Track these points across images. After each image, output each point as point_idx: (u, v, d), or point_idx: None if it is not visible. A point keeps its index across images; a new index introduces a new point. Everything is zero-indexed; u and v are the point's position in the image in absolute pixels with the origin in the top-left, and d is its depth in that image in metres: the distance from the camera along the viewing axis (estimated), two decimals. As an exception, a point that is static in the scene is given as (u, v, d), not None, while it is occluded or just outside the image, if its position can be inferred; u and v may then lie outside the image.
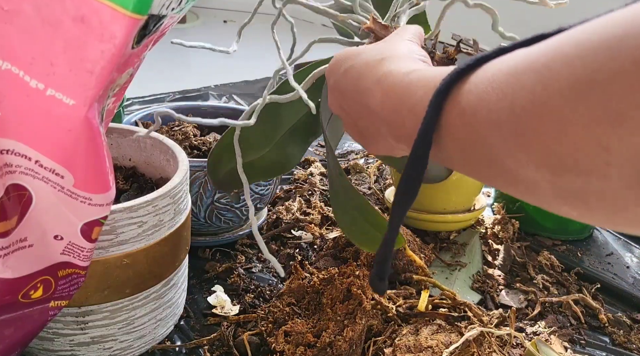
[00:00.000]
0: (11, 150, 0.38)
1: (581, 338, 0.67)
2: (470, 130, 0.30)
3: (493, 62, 0.29)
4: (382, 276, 0.36)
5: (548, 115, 0.25)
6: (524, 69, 0.26)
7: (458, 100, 0.30)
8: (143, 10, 0.39)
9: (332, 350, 0.55)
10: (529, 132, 0.26)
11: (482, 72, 0.29)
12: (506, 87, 0.27)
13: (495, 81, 0.28)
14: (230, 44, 0.64)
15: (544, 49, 0.26)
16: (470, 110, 0.29)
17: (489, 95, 0.28)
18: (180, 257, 0.58)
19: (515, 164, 0.28)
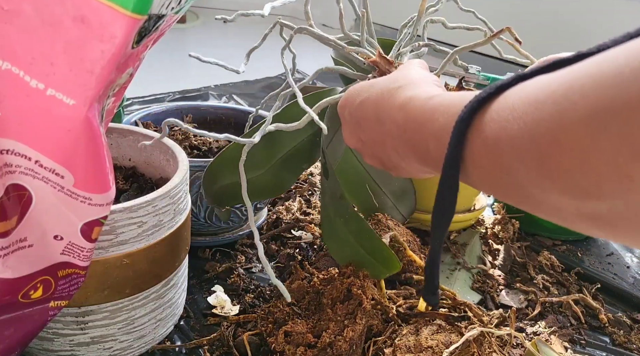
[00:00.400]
0: (11, 150, 0.38)
1: (581, 338, 0.67)
2: (494, 157, 0.30)
3: (513, 90, 0.30)
4: (433, 291, 0.38)
5: (569, 145, 0.25)
6: (544, 99, 0.27)
7: (481, 128, 0.31)
8: (143, 10, 0.39)
9: (332, 350, 0.55)
10: (552, 162, 0.27)
11: (502, 100, 0.30)
12: (526, 116, 0.28)
13: (516, 110, 0.29)
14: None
15: (563, 79, 0.27)
16: (492, 139, 0.30)
17: (510, 124, 0.29)
18: (180, 257, 0.58)
19: (539, 191, 0.28)
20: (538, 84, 0.29)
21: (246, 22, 2.80)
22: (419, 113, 0.38)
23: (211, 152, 0.79)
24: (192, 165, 0.68)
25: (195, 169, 0.69)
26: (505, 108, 0.30)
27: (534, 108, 0.28)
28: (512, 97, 0.30)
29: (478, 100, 0.31)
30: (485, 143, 0.31)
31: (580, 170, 0.25)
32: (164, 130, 0.55)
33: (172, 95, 1.41)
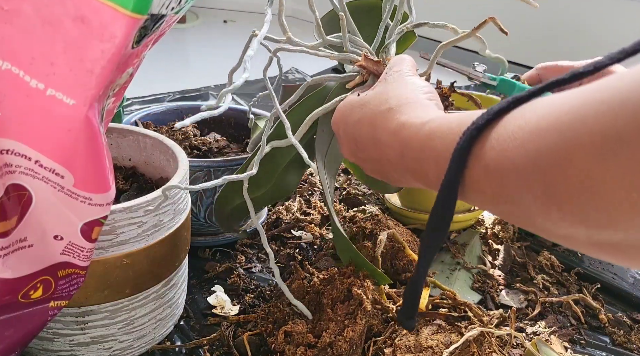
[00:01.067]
0: (11, 150, 0.38)
1: (581, 338, 0.67)
2: (496, 185, 0.30)
3: (512, 115, 0.29)
4: (410, 315, 0.37)
5: (577, 175, 0.25)
6: (546, 127, 0.26)
7: (480, 155, 0.30)
8: (143, 10, 0.39)
9: (333, 350, 0.55)
10: (559, 192, 0.26)
11: (502, 128, 0.29)
12: (529, 144, 0.27)
13: (517, 138, 0.28)
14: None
15: (564, 108, 0.26)
16: (494, 166, 0.29)
17: (512, 152, 0.28)
18: (180, 257, 0.58)
19: (547, 220, 0.28)
20: (538, 111, 0.28)
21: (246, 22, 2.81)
22: (415, 141, 0.37)
23: (211, 152, 0.79)
24: (192, 165, 0.68)
25: (195, 169, 0.69)
26: (505, 136, 0.29)
27: (535, 137, 0.27)
28: (511, 123, 0.29)
29: (477, 127, 0.30)
30: (487, 171, 0.30)
31: (590, 201, 0.25)
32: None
33: (172, 95, 1.41)
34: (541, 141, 0.26)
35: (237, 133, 0.87)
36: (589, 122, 0.24)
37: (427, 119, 0.36)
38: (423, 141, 0.36)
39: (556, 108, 0.26)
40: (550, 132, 0.26)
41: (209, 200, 0.71)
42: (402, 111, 0.39)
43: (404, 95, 0.41)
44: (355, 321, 0.56)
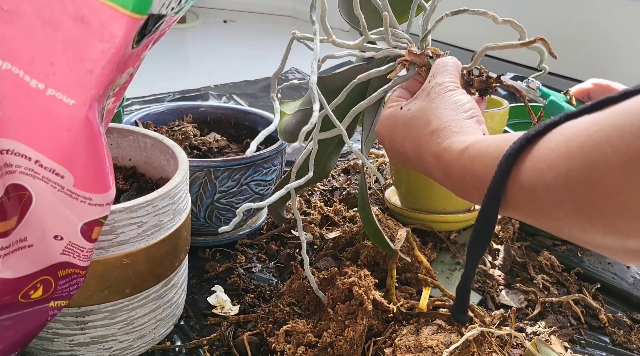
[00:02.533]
0: (11, 150, 0.38)
1: (581, 338, 0.67)
2: (532, 203, 0.33)
3: (545, 139, 0.32)
4: (462, 310, 0.41)
5: (606, 191, 0.27)
6: (575, 150, 0.29)
7: (517, 177, 0.34)
8: (143, 10, 0.39)
9: (333, 350, 0.55)
10: (590, 207, 0.29)
11: (535, 151, 0.33)
12: (559, 166, 0.30)
13: (548, 160, 0.31)
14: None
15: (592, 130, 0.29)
16: (529, 186, 0.33)
17: (545, 173, 0.31)
18: (180, 257, 0.58)
19: (582, 232, 0.31)
20: (566, 134, 0.31)
21: (246, 22, 2.80)
22: (457, 165, 0.40)
23: (211, 151, 0.79)
24: (192, 165, 0.68)
25: (195, 169, 0.69)
26: (538, 158, 0.32)
27: (565, 158, 0.30)
28: (543, 147, 0.32)
29: (512, 153, 0.34)
30: (523, 191, 0.33)
31: (619, 214, 0.27)
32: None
33: (172, 95, 1.41)
34: (570, 162, 0.29)
35: (237, 133, 0.87)
36: (615, 144, 0.27)
37: (468, 144, 0.40)
38: (464, 166, 0.39)
39: (583, 132, 0.29)
40: (578, 154, 0.29)
41: (209, 200, 0.72)
42: (444, 135, 0.43)
43: (446, 117, 0.44)
44: (356, 322, 0.56)
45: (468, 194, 0.40)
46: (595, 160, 0.28)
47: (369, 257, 0.70)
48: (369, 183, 0.99)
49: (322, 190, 0.95)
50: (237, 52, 1.98)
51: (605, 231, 0.29)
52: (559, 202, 0.30)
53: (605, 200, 0.27)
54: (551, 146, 0.31)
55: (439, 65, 0.50)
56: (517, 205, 0.34)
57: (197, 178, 0.69)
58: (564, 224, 0.31)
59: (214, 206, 0.72)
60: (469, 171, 0.39)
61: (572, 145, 0.30)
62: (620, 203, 0.27)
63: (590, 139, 0.28)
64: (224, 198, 0.72)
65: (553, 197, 0.31)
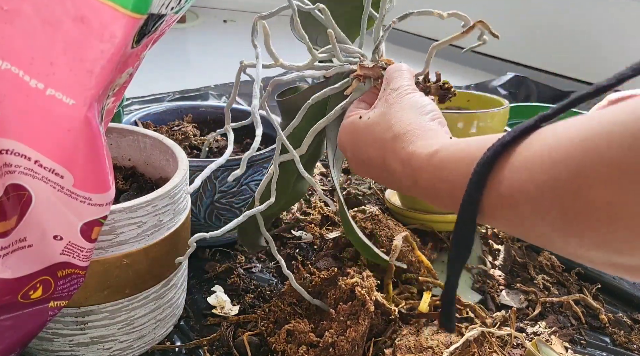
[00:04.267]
0: (11, 150, 0.38)
1: (582, 339, 0.67)
2: (512, 214, 0.30)
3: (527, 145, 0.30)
4: (450, 318, 0.38)
5: (596, 205, 0.25)
6: (560, 159, 0.27)
7: (494, 186, 0.31)
8: (143, 9, 0.39)
9: (334, 350, 0.55)
10: (578, 221, 0.26)
11: (514, 158, 0.30)
12: (542, 175, 0.28)
13: (529, 169, 0.29)
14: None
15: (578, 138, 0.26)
16: (508, 196, 0.30)
17: (527, 183, 0.29)
18: (179, 257, 0.58)
19: (567, 244, 0.28)
20: (548, 140, 0.28)
21: (246, 22, 2.80)
22: (426, 172, 0.38)
23: (211, 151, 0.79)
24: (192, 165, 0.68)
25: (195, 169, 0.69)
26: (519, 166, 0.29)
27: (549, 168, 0.27)
28: (522, 154, 0.30)
29: (487, 162, 0.31)
30: (501, 201, 0.31)
31: (610, 229, 0.25)
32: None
33: (172, 95, 1.41)
34: (555, 172, 0.27)
35: (237, 133, 0.87)
36: (606, 155, 0.25)
37: (435, 149, 0.37)
38: (434, 172, 0.37)
39: (567, 139, 0.27)
40: (564, 164, 0.27)
41: (209, 200, 0.71)
42: (408, 139, 0.40)
43: (407, 120, 0.42)
44: (358, 322, 0.56)
45: (441, 202, 0.38)
46: (585, 170, 0.26)
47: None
48: (369, 182, 0.98)
49: (322, 190, 0.95)
50: (237, 52, 1.98)
51: (592, 246, 0.27)
52: (543, 213, 0.28)
53: (595, 213, 0.26)
54: (531, 153, 0.29)
55: (392, 71, 0.48)
56: (494, 215, 0.32)
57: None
58: (547, 236, 0.29)
59: (214, 206, 0.72)
60: (440, 178, 0.36)
61: (557, 153, 0.27)
62: (612, 217, 0.25)
63: (577, 148, 0.26)
64: (224, 198, 0.72)
65: (536, 207, 0.28)
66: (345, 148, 0.48)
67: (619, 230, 0.25)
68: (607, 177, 0.25)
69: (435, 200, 0.38)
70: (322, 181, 0.98)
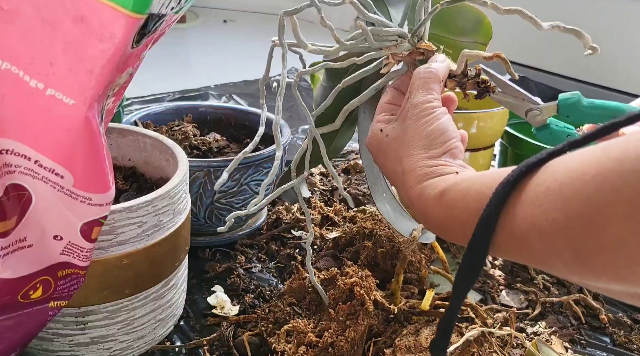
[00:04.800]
0: (11, 150, 0.38)
1: (582, 339, 0.67)
2: (525, 251, 0.30)
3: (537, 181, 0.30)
4: (442, 347, 0.38)
5: (611, 242, 0.25)
6: (573, 195, 0.27)
7: (506, 224, 0.31)
8: (143, 9, 0.39)
9: (334, 350, 0.55)
10: (594, 259, 0.26)
11: (524, 195, 0.30)
12: (555, 212, 0.28)
13: (542, 205, 0.28)
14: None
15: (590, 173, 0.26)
16: (519, 232, 0.30)
17: (538, 219, 0.28)
18: (180, 257, 0.58)
19: (583, 279, 0.28)
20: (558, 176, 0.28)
21: (246, 22, 2.80)
22: (434, 212, 0.38)
23: (211, 151, 0.79)
24: (192, 165, 0.68)
25: (195, 169, 0.69)
26: (530, 203, 0.29)
27: (562, 204, 0.27)
28: (533, 190, 0.29)
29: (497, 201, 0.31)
30: (513, 238, 0.30)
31: (626, 265, 0.25)
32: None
33: (172, 95, 1.41)
34: (569, 208, 0.27)
35: (237, 133, 0.87)
36: (621, 191, 0.24)
37: (442, 189, 0.38)
38: (444, 212, 0.37)
39: (579, 174, 0.27)
40: (577, 200, 0.26)
41: (209, 200, 0.71)
42: (415, 179, 0.41)
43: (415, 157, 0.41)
44: (357, 322, 0.56)
45: (453, 239, 0.38)
46: (598, 207, 0.25)
47: (369, 257, 0.70)
48: (369, 183, 0.98)
49: (322, 190, 0.95)
50: (237, 52, 1.98)
51: (609, 280, 0.26)
52: (557, 251, 0.28)
53: (610, 251, 0.25)
54: (542, 190, 0.29)
55: (418, 77, 0.45)
56: (507, 251, 0.32)
57: (197, 178, 0.69)
58: (560, 270, 0.29)
59: (214, 206, 0.72)
60: (450, 216, 0.36)
61: (568, 190, 0.27)
62: (628, 255, 0.25)
63: (589, 185, 0.26)
64: (223, 198, 0.72)
65: (549, 245, 0.28)
66: (373, 154, 0.48)
67: (635, 266, 0.25)
68: (624, 215, 0.24)
69: (447, 236, 0.39)
70: (322, 181, 0.98)
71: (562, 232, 0.27)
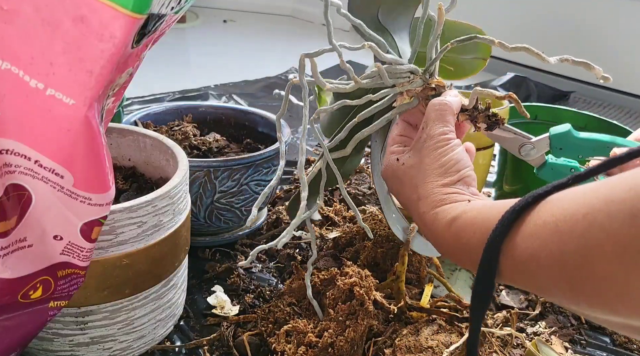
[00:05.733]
0: (11, 150, 0.38)
1: (582, 339, 0.67)
2: (526, 278, 0.32)
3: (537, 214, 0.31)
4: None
5: (602, 278, 0.26)
6: (567, 230, 0.28)
7: (509, 253, 0.33)
8: (143, 9, 0.39)
9: (334, 350, 0.55)
10: (588, 292, 0.28)
11: (525, 226, 0.32)
12: (552, 245, 0.29)
13: (540, 238, 0.30)
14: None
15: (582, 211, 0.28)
16: (521, 263, 0.32)
17: (537, 251, 0.30)
18: (179, 257, 0.58)
19: (580, 308, 0.30)
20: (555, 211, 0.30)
21: (246, 22, 2.80)
22: (445, 237, 0.40)
23: (211, 151, 0.79)
24: (192, 165, 0.68)
25: (195, 169, 0.69)
26: (529, 235, 0.31)
27: (557, 239, 0.29)
28: (533, 223, 0.31)
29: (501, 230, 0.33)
30: (516, 267, 0.32)
31: (618, 300, 0.26)
32: None
33: (172, 95, 1.41)
34: (563, 244, 0.28)
35: (237, 133, 0.87)
36: (608, 231, 0.26)
37: (453, 216, 0.40)
38: (453, 238, 0.39)
39: (571, 212, 0.28)
40: (571, 237, 0.28)
41: (209, 200, 0.71)
42: (429, 205, 0.43)
43: (430, 184, 0.44)
44: (356, 322, 0.56)
45: (461, 263, 0.40)
46: (589, 245, 0.27)
47: (369, 257, 0.70)
48: (369, 183, 0.98)
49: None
50: (237, 52, 1.98)
51: (604, 312, 0.28)
52: (554, 282, 0.29)
53: (602, 286, 0.27)
54: (541, 222, 0.30)
55: (433, 109, 0.47)
56: (512, 279, 0.34)
57: (197, 178, 0.69)
58: (559, 299, 0.31)
59: (214, 206, 0.72)
60: (459, 242, 0.39)
61: (562, 226, 0.29)
62: (619, 291, 0.26)
63: (580, 223, 0.27)
64: (224, 198, 0.72)
65: (548, 276, 0.30)
66: (388, 184, 0.51)
67: (626, 300, 0.26)
68: (612, 254, 0.25)
69: (457, 262, 0.41)
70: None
71: (558, 265, 0.29)
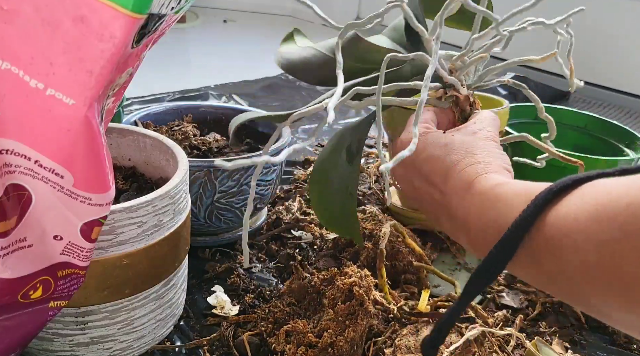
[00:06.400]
0: (11, 150, 0.38)
1: (582, 339, 0.67)
2: (556, 260, 0.30)
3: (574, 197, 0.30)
4: (435, 344, 0.38)
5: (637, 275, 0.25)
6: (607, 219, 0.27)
7: (542, 227, 0.31)
8: (143, 9, 0.39)
9: (334, 350, 0.55)
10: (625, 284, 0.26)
11: (563, 207, 0.30)
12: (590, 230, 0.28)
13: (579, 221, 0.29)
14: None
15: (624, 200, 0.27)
16: (555, 241, 0.30)
17: (575, 234, 0.29)
18: (180, 257, 0.58)
19: (602, 304, 0.29)
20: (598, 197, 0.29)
21: (246, 22, 2.80)
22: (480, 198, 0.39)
23: (211, 151, 0.79)
24: (192, 165, 0.68)
25: (195, 169, 0.69)
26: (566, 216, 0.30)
27: (597, 225, 0.28)
28: (573, 203, 0.30)
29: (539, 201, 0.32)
30: (547, 243, 0.31)
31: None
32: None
33: (171, 95, 1.41)
34: (603, 231, 0.27)
35: (237, 132, 0.87)
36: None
37: (499, 182, 0.39)
38: (489, 199, 0.38)
39: (613, 198, 0.28)
40: (610, 225, 0.27)
41: (209, 200, 0.71)
42: (485, 168, 0.42)
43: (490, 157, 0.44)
44: (356, 322, 0.56)
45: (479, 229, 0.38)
46: (630, 234, 0.26)
47: (369, 257, 0.70)
48: (369, 183, 0.99)
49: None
50: (237, 52, 1.98)
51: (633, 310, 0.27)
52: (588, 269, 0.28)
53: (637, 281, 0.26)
54: (581, 206, 0.29)
55: (490, 116, 0.50)
56: (535, 258, 0.32)
57: (197, 178, 0.69)
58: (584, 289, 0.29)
59: (214, 206, 0.72)
60: (491, 207, 0.37)
61: (604, 213, 0.28)
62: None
63: (623, 211, 0.27)
64: (224, 198, 0.72)
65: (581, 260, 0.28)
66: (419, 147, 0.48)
67: None
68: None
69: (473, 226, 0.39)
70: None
71: (596, 252, 0.27)
